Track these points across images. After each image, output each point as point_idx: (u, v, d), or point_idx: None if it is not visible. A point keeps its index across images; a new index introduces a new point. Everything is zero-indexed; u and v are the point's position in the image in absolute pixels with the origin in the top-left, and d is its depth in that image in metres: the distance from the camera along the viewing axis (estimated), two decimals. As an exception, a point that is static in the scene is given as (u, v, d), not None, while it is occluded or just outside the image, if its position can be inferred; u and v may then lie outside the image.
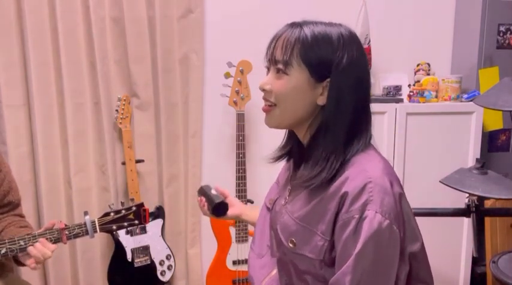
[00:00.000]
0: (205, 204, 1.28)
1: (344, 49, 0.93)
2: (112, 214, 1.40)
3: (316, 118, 0.98)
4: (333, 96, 0.93)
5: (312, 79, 0.94)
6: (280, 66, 0.95)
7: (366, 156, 0.96)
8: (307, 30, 0.93)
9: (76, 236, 1.39)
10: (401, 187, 0.96)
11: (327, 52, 0.93)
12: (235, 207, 1.33)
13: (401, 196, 0.95)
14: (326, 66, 0.93)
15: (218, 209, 1.24)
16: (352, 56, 0.94)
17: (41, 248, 1.36)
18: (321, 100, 0.95)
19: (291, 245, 1.00)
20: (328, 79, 0.93)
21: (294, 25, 0.96)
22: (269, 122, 1.02)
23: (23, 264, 1.42)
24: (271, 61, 0.98)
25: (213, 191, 1.28)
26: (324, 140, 0.95)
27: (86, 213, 1.40)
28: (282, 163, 1.18)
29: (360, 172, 0.91)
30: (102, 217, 1.41)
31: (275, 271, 1.11)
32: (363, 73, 0.97)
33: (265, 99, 1.00)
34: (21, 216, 1.62)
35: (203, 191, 1.30)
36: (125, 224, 1.41)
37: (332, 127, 0.94)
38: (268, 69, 1.00)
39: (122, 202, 1.52)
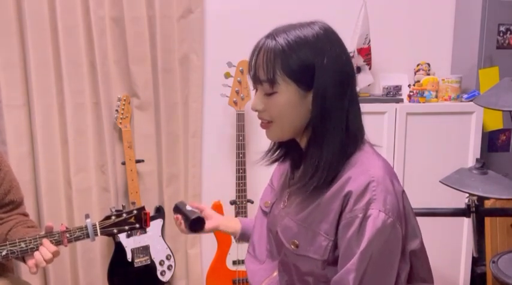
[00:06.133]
0: (182, 222, 1.26)
1: (322, 49, 0.92)
2: (113, 217, 1.40)
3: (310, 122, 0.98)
4: (317, 100, 0.93)
5: (300, 90, 0.93)
6: (266, 86, 0.94)
7: (365, 154, 0.96)
8: (282, 41, 0.92)
9: (77, 239, 1.38)
10: (400, 184, 0.97)
11: (306, 57, 0.91)
12: (213, 220, 1.31)
13: (403, 193, 0.97)
14: (309, 71, 0.92)
15: (195, 224, 1.22)
16: (331, 54, 0.92)
17: (44, 250, 1.35)
18: None
19: (293, 246, 1.00)
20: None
21: (268, 37, 0.95)
22: (271, 137, 1.03)
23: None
24: (257, 81, 0.97)
25: (188, 207, 1.26)
26: (318, 144, 0.95)
27: (87, 216, 1.39)
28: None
29: (362, 172, 0.92)
30: (103, 220, 1.40)
31: (275, 273, 1.11)
32: (345, 67, 0.95)
33: (260, 117, 1.00)
34: (25, 215, 1.61)
35: (178, 209, 1.28)
36: (126, 227, 1.41)
37: (322, 131, 0.94)
38: (256, 88, 1.00)
39: (123, 205, 1.51)
